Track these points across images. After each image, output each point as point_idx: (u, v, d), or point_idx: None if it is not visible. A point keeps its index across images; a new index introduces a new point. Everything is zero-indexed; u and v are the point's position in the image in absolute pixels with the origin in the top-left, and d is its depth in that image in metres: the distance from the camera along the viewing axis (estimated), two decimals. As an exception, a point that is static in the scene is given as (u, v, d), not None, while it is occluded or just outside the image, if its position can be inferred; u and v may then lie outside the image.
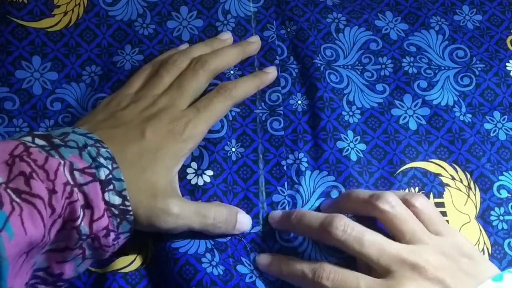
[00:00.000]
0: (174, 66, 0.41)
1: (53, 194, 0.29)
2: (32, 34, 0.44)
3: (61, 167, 0.30)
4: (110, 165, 0.33)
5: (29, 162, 0.29)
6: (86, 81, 0.44)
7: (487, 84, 0.46)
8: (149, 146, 0.36)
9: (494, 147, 0.44)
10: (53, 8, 0.46)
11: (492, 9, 0.50)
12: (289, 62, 0.46)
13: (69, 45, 0.45)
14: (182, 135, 0.38)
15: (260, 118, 0.44)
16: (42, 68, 0.44)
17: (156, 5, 0.47)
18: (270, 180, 0.41)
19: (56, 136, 0.32)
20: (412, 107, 0.45)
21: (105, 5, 0.46)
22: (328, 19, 0.48)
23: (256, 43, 0.46)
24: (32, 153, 0.30)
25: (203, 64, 0.41)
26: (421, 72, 0.46)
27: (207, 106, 0.40)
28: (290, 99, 0.44)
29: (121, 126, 0.37)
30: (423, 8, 0.49)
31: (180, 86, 0.40)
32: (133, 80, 0.42)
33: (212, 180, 0.40)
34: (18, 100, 0.42)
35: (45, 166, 0.30)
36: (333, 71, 0.46)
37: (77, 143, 0.32)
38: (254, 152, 0.42)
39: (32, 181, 0.28)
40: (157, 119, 0.37)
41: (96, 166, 0.32)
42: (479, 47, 0.48)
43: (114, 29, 0.46)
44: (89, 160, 0.32)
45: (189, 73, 0.41)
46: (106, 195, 0.32)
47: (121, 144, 0.35)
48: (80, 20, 0.46)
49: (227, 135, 0.42)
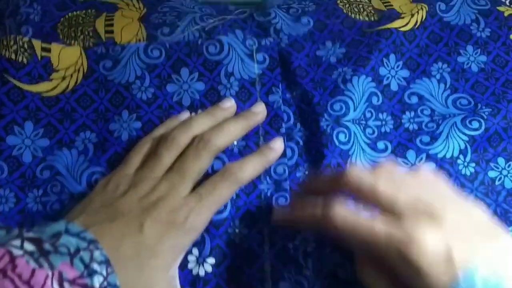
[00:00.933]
0: (174, 144, 0.38)
1: None
2: (27, 98, 0.43)
3: (48, 280, 0.28)
4: (104, 270, 0.30)
5: (13, 278, 0.27)
6: (78, 148, 0.41)
7: (495, 129, 0.44)
8: (148, 241, 0.33)
9: (500, 196, 0.42)
10: (51, 72, 0.44)
11: (496, 49, 0.48)
12: (295, 130, 0.43)
13: (64, 110, 0.43)
14: (183, 226, 0.35)
15: (265, 194, 0.41)
16: (34, 134, 0.42)
17: (156, 66, 0.45)
18: (276, 265, 0.38)
19: (47, 239, 0.30)
20: (416, 162, 0.42)
21: (105, 70, 0.44)
22: (333, 75, 0.45)
23: (261, 113, 0.43)
24: (17, 266, 0.28)
25: (206, 143, 0.38)
26: (422, 127, 0.44)
27: (211, 192, 0.37)
28: (297, 171, 0.42)
29: (118, 219, 0.34)
30: (424, 54, 0.47)
31: (181, 169, 0.37)
32: (131, 158, 0.39)
33: (214, 269, 0.37)
34: (6, 168, 0.40)
35: (31, 282, 0.28)
36: (342, 128, 0.43)
37: (68, 249, 0.30)
38: (258, 234, 0.39)
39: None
40: (156, 210, 0.35)
41: (89, 274, 0.30)
42: (483, 93, 0.46)
43: (112, 93, 0.44)
44: (81, 268, 0.30)
45: (191, 154, 0.38)
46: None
47: (117, 239, 0.33)
48: (78, 86, 0.44)
49: (230, 215, 0.39)
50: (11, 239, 0.30)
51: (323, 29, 0.48)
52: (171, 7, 0.49)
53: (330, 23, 0.48)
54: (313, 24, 0.48)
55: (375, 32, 0.48)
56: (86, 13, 0.48)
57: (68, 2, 0.48)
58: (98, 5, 0.48)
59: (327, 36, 0.48)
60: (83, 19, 0.47)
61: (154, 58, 0.45)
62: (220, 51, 0.46)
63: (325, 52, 0.47)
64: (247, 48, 0.46)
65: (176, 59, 0.45)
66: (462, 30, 0.49)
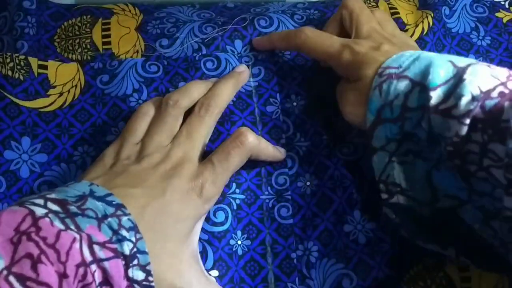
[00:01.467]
0: (176, 107, 0.40)
1: (64, 279, 0.26)
2: (24, 114, 0.42)
3: (76, 243, 0.27)
4: (133, 236, 0.30)
5: (38, 241, 0.26)
6: (77, 162, 0.41)
7: None
8: (171, 207, 0.34)
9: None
10: (48, 88, 0.44)
11: (499, 56, 0.48)
12: (295, 140, 0.43)
13: (62, 126, 0.42)
14: (200, 197, 0.36)
15: (267, 205, 0.40)
16: (31, 150, 0.41)
17: (153, 80, 0.44)
18: (280, 276, 0.37)
19: (72, 201, 0.29)
20: None
21: (102, 84, 0.44)
22: None
23: (245, 71, 0.45)
24: (42, 228, 0.27)
25: (207, 109, 0.40)
26: None
27: (223, 161, 0.37)
28: (298, 181, 0.41)
29: (139, 185, 0.34)
30: None
31: (190, 136, 0.38)
32: (134, 125, 0.39)
33: (217, 281, 0.37)
34: (4, 183, 0.40)
35: (56, 245, 0.27)
36: (347, 143, 0.42)
37: (96, 213, 0.29)
38: (261, 245, 0.39)
39: (40, 265, 0.26)
40: (177, 177, 0.35)
41: (118, 240, 0.29)
42: None
43: (109, 107, 0.43)
44: (109, 234, 0.29)
45: (196, 119, 0.40)
46: (130, 271, 0.29)
47: (141, 206, 0.33)
48: (75, 101, 0.44)
49: (231, 227, 0.39)
50: (32, 199, 0.29)
51: None
52: (168, 13, 0.49)
53: None
54: None
55: None
56: (81, 20, 0.47)
57: (63, 11, 0.48)
58: (93, 10, 0.48)
59: None
60: (79, 28, 0.47)
61: (152, 73, 0.45)
62: (218, 67, 0.46)
63: None
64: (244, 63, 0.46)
65: (174, 74, 0.45)
66: (462, 39, 0.49)
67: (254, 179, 0.41)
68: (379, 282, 0.38)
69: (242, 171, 0.41)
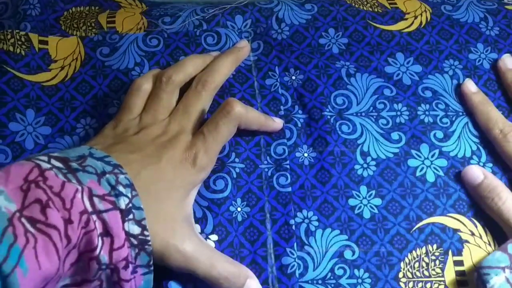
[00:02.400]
0: (170, 83, 0.40)
1: (69, 224, 0.28)
2: (28, 87, 0.43)
3: (78, 194, 0.29)
4: (129, 193, 0.31)
5: (45, 189, 0.28)
6: (80, 134, 0.42)
7: None
8: (165, 174, 0.35)
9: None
10: (50, 62, 0.45)
11: (507, 47, 0.47)
12: (293, 112, 0.43)
13: (64, 99, 0.43)
14: (194, 166, 0.37)
15: (266, 174, 0.41)
16: (35, 122, 0.42)
17: (155, 54, 0.45)
18: (279, 242, 0.38)
19: (73, 159, 0.31)
20: (429, 157, 0.42)
21: (102, 56, 0.45)
22: (337, 65, 0.45)
23: (246, 47, 0.45)
24: (48, 178, 0.29)
25: (204, 84, 0.41)
26: (437, 121, 0.43)
27: (213, 131, 0.38)
28: (296, 151, 0.42)
29: (136, 151, 0.36)
30: (435, 52, 0.47)
31: (186, 111, 0.40)
32: (130, 102, 0.40)
33: (217, 245, 0.38)
34: (10, 154, 0.41)
35: (61, 194, 0.29)
36: (345, 121, 0.43)
37: (95, 169, 0.31)
38: (260, 212, 0.39)
39: (48, 210, 0.28)
40: (172, 147, 0.37)
41: (116, 195, 0.31)
42: (495, 92, 0.45)
43: (110, 79, 0.44)
44: (108, 188, 0.31)
45: (192, 96, 0.40)
46: (126, 224, 0.31)
47: (137, 169, 0.34)
48: (76, 74, 0.44)
49: (231, 194, 0.39)
50: (36, 156, 0.30)
51: (326, 15, 0.48)
52: (173, 6, 0.50)
53: (334, 10, 0.49)
54: (317, 9, 0.49)
55: (378, 32, 0.48)
56: (90, 9, 0.48)
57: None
58: (101, 1, 0.49)
59: (330, 23, 0.48)
60: (86, 15, 0.48)
61: (152, 47, 0.45)
62: (218, 42, 0.46)
63: (327, 40, 0.47)
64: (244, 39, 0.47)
65: (174, 48, 0.45)
66: (471, 28, 0.48)
67: (253, 149, 0.42)
68: (380, 257, 0.38)
69: (241, 141, 0.42)
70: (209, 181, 0.40)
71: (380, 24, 0.48)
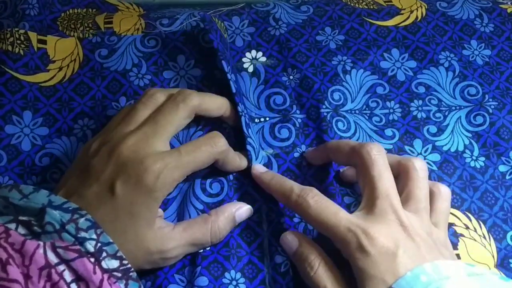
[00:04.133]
0: (152, 98, 0.37)
1: (28, 279, 0.29)
2: (25, 88, 0.43)
3: (39, 249, 0.30)
4: (93, 234, 0.31)
5: (6, 247, 0.29)
6: (77, 135, 0.42)
7: (502, 122, 0.43)
8: (122, 203, 0.33)
9: (509, 191, 0.41)
10: (48, 63, 0.44)
11: (500, 44, 0.48)
12: (292, 112, 0.43)
13: (62, 100, 0.43)
14: (153, 187, 0.33)
15: None
16: (33, 123, 0.42)
17: (152, 55, 0.45)
18: (275, 243, 0.38)
19: (34, 222, 0.31)
20: (422, 152, 0.42)
21: (100, 58, 0.45)
22: (333, 62, 0.46)
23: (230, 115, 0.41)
24: (11, 235, 0.30)
25: (185, 97, 0.37)
26: (430, 116, 0.44)
27: (191, 153, 0.35)
28: (295, 152, 0.42)
29: (92, 184, 0.34)
30: (431, 43, 0.47)
31: (156, 121, 0.36)
32: (112, 120, 0.38)
33: (212, 247, 0.37)
34: (5, 157, 0.41)
35: (22, 250, 0.29)
36: (340, 118, 0.43)
37: (54, 226, 0.31)
38: (257, 213, 0.39)
39: (9, 266, 0.29)
40: (125, 169, 0.33)
41: (80, 242, 0.30)
42: (490, 84, 0.46)
43: (108, 81, 0.44)
44: (70, 239, 0.30)
45: (168, 106, 0.37)
46: (104, 263, 0.31)
47: (95, 207, 0.33)
48: (74, 75, 0.44)
49: (227, 197, 0.39)
50: (7, 222, 0.31)
51: (322, 15, 0.48)
52: (171, 10, 0.50)
53: (330, 10, 0.49)
54: (313, 10, 0.49)
55: (374, 28, 0.48)
56: (87, 11, 0.48)
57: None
58: (99, 4, 0.49)
59: (326, 22, 0.48)
60: (83, 16, 0.48)
61: (150, 47, 0.45)
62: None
63: (324, 37, 0.47)
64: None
65: (172, 47, 0.45)
66: (466, 24, 0.49)
67: None
68: None
69: None
70: (206, 184, 0.39)
71: (376, 20, 0.48)
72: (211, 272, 0.36)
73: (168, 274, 0.36)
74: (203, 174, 0.40)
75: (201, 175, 0.39)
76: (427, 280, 0.30)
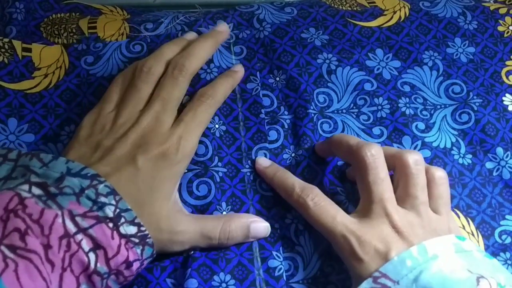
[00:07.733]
0: (150, 74, 0.39)
1: (49, 249, 0.29)
2: (10, 96, 0.43)
3: (58, 218, 0.30)
4: (113, 200, 0.32)
5: (24, 217, 0.29)
6: (64, 142, 0.42)
7: (487, 119, 0.44)
8: (144, 177, 0.35)
9: (496, 188, 0.42)
10: (33, 70, 0.44)
11: (484, 41, 0.49)
12: (279, 113, 0.44)
13: (48, 106, 0.43)
14: (176, 156, 0.36)
15: (248, 178, 0.41)
16: (18, 130, 0.42)
17: (138, 59, 0.45)
18: (265, 245, 0.39)
19: (51, 183, 0.31)
20: (412, 149, 0.43)
21: (86, 65, 0.45)
22: (318, 60, 0.46)
23: (225, 32, 0.45)
24: (28, 206, 0.30)
25: (181, 69, 0.40)
26: (418, 113, 0.44)
27: (193, 118, 0.38)
28: (284, 153, 0.42)
29: (112, 162, 0.35)
30: (415, 43, 0.48)
31: (161, 98, 0.38)
32: (110, 94, 0.40)
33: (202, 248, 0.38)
34: None
35: (40, 221, 0.30)
36: (326, 119, 0.43)
37: (73, 189, 0.31)
38: None
39: (27, 237, 0.29)
40: (146, 145, 0.36)
41: (99, 208, 0.31)
42: (474, 82, 0.46)
43: (95, 87, 0.44)
44: (88, 204, 0.31)
45: (168, 82, 0.39)
46: (122, 228, 0.32)
47: (116, 181, 0.34)
48: (60, 82, 0.44)
49: (215, 199, 0.39)
50: (19, 184, 0.31)
51: (306, 17, 0.49)
52: (155, 14, 0.50)
53: (313, 11, 0.49)
54: (297, 12, 0.49)
55: (357, 28, 0.48)
56: (70, 15, 0.48)
57: (52, 3, 0.49)
58: (82, 8, 0.49)
59: (311, 24, 0.48)
60: (66, 21, 0.48)
61: (136, 53, 0.46)
62: None
63: (309, 35, 0.47)
64: (225, 42, 0.47)
65: None
66: (449, 22, 0.49)
67: (234, 153, 0.42)
68: None
69: (222, 146, 0.42)
70: (192, 186, 0.40)
71: (359, 21, 0.49)
72: (201, 275, 0.37)
73: (160, 279, 0.37)
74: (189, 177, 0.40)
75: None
76: (411, 264, 0.32)
